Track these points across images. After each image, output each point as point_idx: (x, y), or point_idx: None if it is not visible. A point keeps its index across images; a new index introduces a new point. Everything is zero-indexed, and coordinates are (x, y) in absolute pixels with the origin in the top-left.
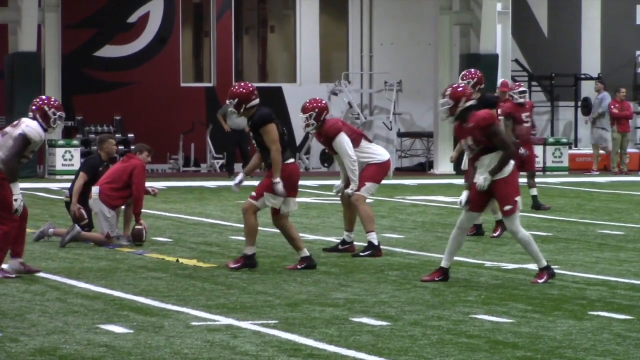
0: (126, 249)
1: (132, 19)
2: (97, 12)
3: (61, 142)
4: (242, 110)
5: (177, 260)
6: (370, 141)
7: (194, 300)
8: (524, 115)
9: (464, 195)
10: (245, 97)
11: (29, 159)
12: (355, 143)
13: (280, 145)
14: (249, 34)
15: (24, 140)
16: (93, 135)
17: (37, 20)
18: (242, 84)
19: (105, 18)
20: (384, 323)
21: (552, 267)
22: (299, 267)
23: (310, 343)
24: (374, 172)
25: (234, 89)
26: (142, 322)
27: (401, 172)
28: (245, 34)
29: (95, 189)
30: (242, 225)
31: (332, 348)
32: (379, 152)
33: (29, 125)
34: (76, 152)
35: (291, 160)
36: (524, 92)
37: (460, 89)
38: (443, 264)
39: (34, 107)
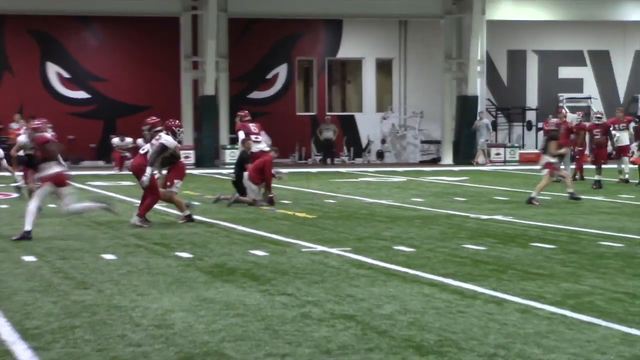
0: (265, 207)
1: (269, 76)
2: (249, 72)
3: (228, 146)
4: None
5: (294, 214)
6: None
7: (303, 236)
8: None
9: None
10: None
11: (175, 157)
12: None
13: None
14: (335, 84)
15: (162, 147)
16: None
17: (214, 77)
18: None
19: (253, 76)
20: (412, 249)
21: (507, 217)
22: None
23: (369, 261)
24: None
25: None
26: (274, 249)
27: (423, 163)
28: (333, 84)
29: (245, 174)
30: (331, 194)
31: (382, 264)
32: None
33: (165, 138)
34: (236, 152)
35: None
36: None
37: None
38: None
39: (166, 127)
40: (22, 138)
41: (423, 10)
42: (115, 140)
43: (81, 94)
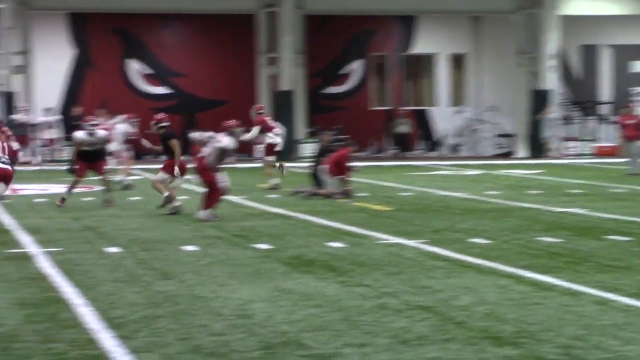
0: (341, 200)
1: (343, 71)
2: (324, 67)
3: (304, 140)
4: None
5: (370, 207)
6: None
7: (379, 228)
8: None
9: None
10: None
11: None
12: None
13: None
14: (410, 79)
15: (222, 150)
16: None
17: (291, 72)
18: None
19: (328, 71)
20: (487, 241)
21: (582, 210)
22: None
23: (445, 253)
24: None
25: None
26: (351, 241)
27: (496, 157)
28: (408, 79)
29: (323, 167)
30: (406, 186)
31: (457, 255)
32: None
33: (224, 141)
34: (313, 145)
35: None
36: None
37: None
38: None
39: (224, 128)
40: (80, 135)
41: (495, 6)
42: (195, 135)
43: (162, 90)
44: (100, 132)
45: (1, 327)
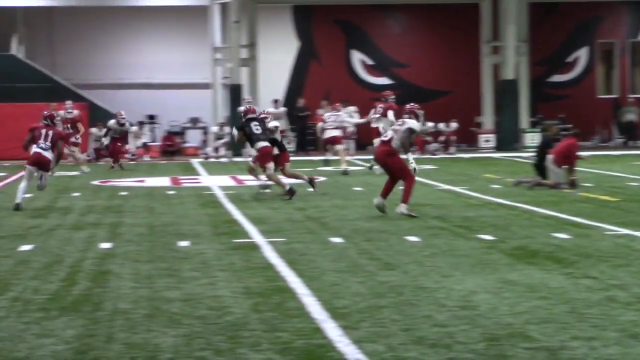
0: (567, 190)
1: (569, 59)
2: (549, 56)
3: (528, 129)
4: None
5: (597, 197)
6: None
7: (606, 219)
8: None
9: None
10: None
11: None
12: None
13: None
14: (638, 67)
15: (410, 130)
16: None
17: (515, 61)
18: None
19: (553, 59)
20: None
21: None
22: None
23: None
24: None
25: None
26: (576, 232)
27: None
28: (636, 67)
29: (549, 157)
30: (634, 176)
31: None
32: None
33: (408, 122)
34: (535, 135)
35: None
36: None
37: None
38: None
39: (409, 111)
40: (274, 123)
41: None
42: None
43: (384, 80)
44: (270, 124)
45: (229, 315)
